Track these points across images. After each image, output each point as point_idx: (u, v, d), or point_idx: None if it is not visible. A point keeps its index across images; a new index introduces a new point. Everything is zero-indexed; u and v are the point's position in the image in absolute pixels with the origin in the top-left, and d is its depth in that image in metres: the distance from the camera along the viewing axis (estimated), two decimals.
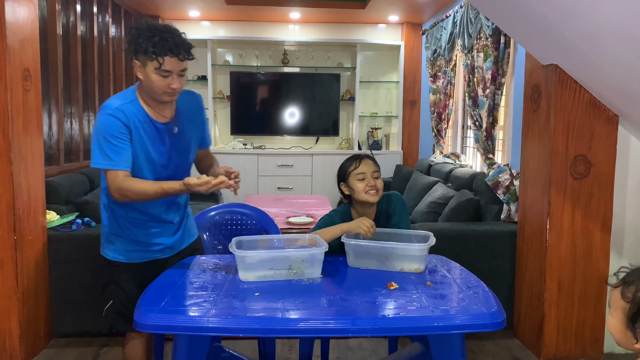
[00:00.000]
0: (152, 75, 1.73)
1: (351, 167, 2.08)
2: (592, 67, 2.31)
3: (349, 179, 2.08)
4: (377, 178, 2.09)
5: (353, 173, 2.07)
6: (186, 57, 1.75)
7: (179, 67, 1.74)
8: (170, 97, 1.78)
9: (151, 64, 1.72)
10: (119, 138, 1.74)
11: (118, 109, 1.75)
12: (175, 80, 1.75)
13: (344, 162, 2.15)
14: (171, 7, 5.12)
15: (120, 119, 1.74)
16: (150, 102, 1.81)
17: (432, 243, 1.85)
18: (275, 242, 1.96)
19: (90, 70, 4.11)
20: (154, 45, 1.69)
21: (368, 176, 2.06)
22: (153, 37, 1.70)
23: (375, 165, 2.12)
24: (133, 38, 1.74)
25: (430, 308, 1.49)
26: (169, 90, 1.75)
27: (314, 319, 1.43)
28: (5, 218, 2.48)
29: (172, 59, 1.71)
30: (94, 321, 2.81)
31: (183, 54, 1.73)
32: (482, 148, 3.56)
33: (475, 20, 3.66)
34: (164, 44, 1.69)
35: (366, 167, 2.07)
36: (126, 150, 1.75)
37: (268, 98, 5.84)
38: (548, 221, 2.61)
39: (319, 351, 2.44)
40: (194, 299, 1.56)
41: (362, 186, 2.05)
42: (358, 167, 2.07)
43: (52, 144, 3.51)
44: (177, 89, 1.77)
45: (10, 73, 2.44)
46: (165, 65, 1.71)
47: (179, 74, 1.76)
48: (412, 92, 5.74)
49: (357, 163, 2.08)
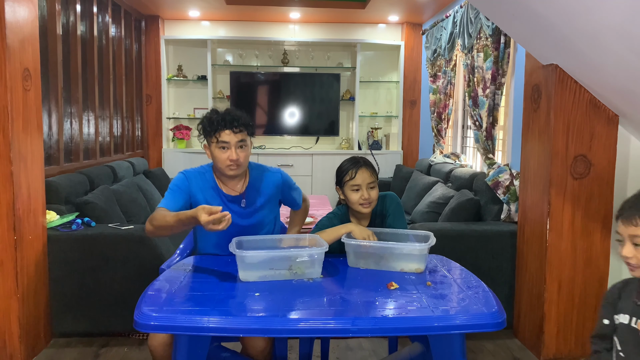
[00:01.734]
0: (214, 151, 1.97)
1: (347, 176, 2.05)
2: (592, 67, 2.31)
3: (344, 188, 2.08)
4: (373, 188, 2.06)
5: (348, 183, 2.05)
6: (241, 129, 1.96)
7: (235, 139, 1.95)
8: (233, 170, 1.97)
9: (212, 141, 1.97)
10: (176, 188, 2.00)
11: (186, 173, 2.06)
12: (234, 152, 1.94)
13: (343, 164, 2.11)
14: (171, 7, 5.12)
15: (187, 177, 2.04)
16: (222, 177, 2.05)
17: (432, 243, 1.85)
18: (276, 242, 1.96)
19: (90, 70, 4.11)
20: (210, 124, 1.96)
21: (363, 188, 2.03)
22: (211, 118, 1.97)
23: (373, 174, 2.07)
24: (200, 124, 2.02)
25: (431, 308, 1.49)
26: (229, 163, 1.95)
27: (314, 319, 1.43)
28: (5, 218, 2.48)
29: (226, 132, 1.94)
30: (94, 321, 2.81)
31: (237, 127, 1.95)
32: (482, 148, 3.56)
33: (475, 20, 3.66)
34: (219, 121, 1.94)
35: (362, 178, 2.03)
36: (177, 198, 1.98)
37: (268, 98, 5.85)
38: (548, 221, 2.61)
39: (319, 351, 2.44)
40: (194, 298, 1.56)
41: (357, 198, 2.04)
42: (354, 177, 2.03)
43: (52, 144, 3.51)
44: (237, 160, 1.95)
45: (10, 73, 2.44)
46: (222, 138, 1.94)
47: (237, 145, 1.96)
48: (412, 92, 5.74)
49: (353, 173, 2.04)
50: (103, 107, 4.41)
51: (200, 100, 5.83)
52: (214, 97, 5.74)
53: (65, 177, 3.27)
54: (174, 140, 5.77)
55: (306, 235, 1.99)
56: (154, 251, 2.77)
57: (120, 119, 4.85)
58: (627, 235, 1.34)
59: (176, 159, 5.67)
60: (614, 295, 1.49)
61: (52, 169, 3.42)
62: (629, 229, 1.33)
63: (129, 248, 2.77)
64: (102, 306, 2.79)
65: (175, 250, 2.35)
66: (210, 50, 5.59)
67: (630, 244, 1.34)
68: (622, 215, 1.35)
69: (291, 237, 2.02)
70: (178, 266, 1.92)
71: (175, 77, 5.76)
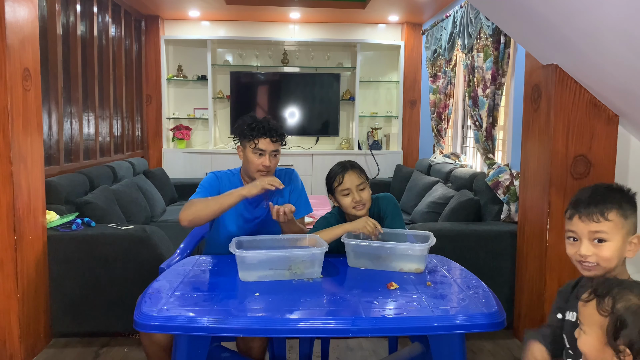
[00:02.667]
0: (249, 155, 2.10)
1: (335, 182, 2.06)
2: (592, 67, 2.31)
3: (335, 195, 2.08)
4: (363, 189, 2.05)
5: (338, 189, 2.06)
6: (278, 139, 2.11)
7: (271, 147, 2.09)
8: (263, 174, 2.10)
9: (249, 145, 2.09)
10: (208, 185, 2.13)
11: (216, 173, 2.19)
12: (267, 159, 2.09)
13: (330, 172, 2.11)
14: (171, 7, 5.12)
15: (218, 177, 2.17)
16: (248, 180, 2.17)
17: (432, 243, 1.85)
18: (276, 242, 1.96)
19: (90, 70, 4.11)
20: (251, 130, 2.08)
21: (353, 191, 2.03)
22: (252, 124, 2.09)
23: (360, 175, 2.07)
24: (238, 127, 2.15)
25: (430, 308, 1.49)
26: (261, 168, 2.09)
27: (314, 319, 1.43)
28: (5, 218, 2.48)
29: (265, 140, 2.08)
30: (94, 321, 2.81)
31: (275, 137, 2.10)
32: (482, 148, 3.56)
33: (475, 20, 3.66)
34: (259, 128, 2.08)
35: (350, 181, 2.04)
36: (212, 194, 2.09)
37: (268, 98, 5.84)
38: (548, 221, 2.61)
39: (319, 351, 2.44)
40: (194, 299, 1.56)
41: (348, 202, 2.04)
42: (342, 182, 2.04)
43: (52, 144, 3.51)
44: (269, 167, 2.09)
45: (10, 73, 2.44)
46: (260, 145, 2.07)
47: (271, 154, 2.10)
48: (412, 92, 5.74)
49: (341, 178, 2.05)
50: (103, 107, 4.41)
51: (200, 100, 5.83)
52: (214, 97, 5.74)
53: (65, 177, 3.27)
54: (174, 140, 5.77)
55: (306, 235, 1.99)
56: (154, 251, 2.77)
57: (120, 119, 4.85)
58: (586, 232, 1.28)
59: (176, 159, 5.67)
60: (567, 292, 1.45)
61: (52, 169, 3.42)
62: (590, 225, 1.28)
63: (129, 248, 2.77)
64: (102, 306, 2.79)
65: (175, 250, 2.36)
66: (210, 50, 5.59)
67: (589, 242, 1.29)
68: (580, 212, 1.29)
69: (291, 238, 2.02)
70: (178, 266, 1.92)
71: (175, 77, 5.76)
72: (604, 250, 1.27)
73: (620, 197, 1.29)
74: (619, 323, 1.03)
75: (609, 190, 1.31)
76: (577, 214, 1.30)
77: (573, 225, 1.31)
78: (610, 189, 1.32)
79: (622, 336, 1.02)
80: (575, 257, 1.32)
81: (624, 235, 1.28)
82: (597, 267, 1.29)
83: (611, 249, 1.27)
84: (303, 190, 2.28)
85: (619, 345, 1.03)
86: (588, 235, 1.29)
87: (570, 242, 1.34)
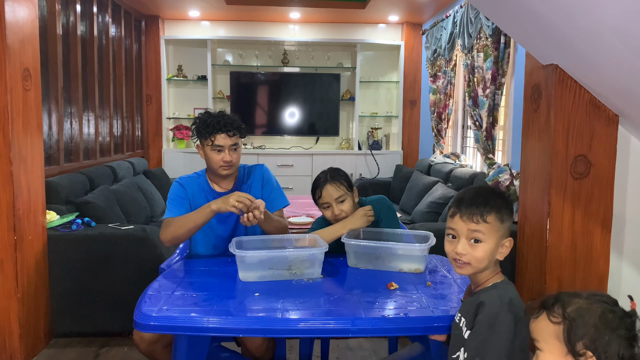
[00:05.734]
0: (208, 152, 2.07)
1: (316, 195, 2.07)
2: (592, 67, 2.31)
3: (318, 206, 2.10)
4: (343, 202, 2.04)
5: (319, 202, 2.08)
6: (235, 133, 2.06)
7: (229, 142, 2.05)
8: (226, 170, 2.07)
9: (206, 143, 2.06)
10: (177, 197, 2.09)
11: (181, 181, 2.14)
12: (227, 154, 2.05)
13: (313, 182, 2.11)
14: (171, 7, 5.12)
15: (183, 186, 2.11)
16: (214, 177, 2.15)
17: (432, 243, 1.85)
18: (275, 242, 1.96)
19: (90, 70, 4.11)
20: (205, 127, 2.05)
21: (332, 204, 2.04)
22: (206, 121, 2.06)
23: (339, 187, 2.03)
24: (193, 125, 2.11)
25: (430, 308, 1.49)
26: (223, 164, 2.05)
27: (314, 319, 1.43)
28: (5, 218, 2.48)
29: (221, 135, 2.04)
30: (94, 321, 2.81)
31: (231, 131, 2.05)
32: (482, 148, 3.56)
33: (475, 20, 3.66)
34: (214, 125, 2.04)
35: (328, 195, 2.03)
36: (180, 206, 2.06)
37: (268, 98, 5.84)
38: (548, 221, 2.61)
39: (319, 351, 2.44)
40: (193, 298, 1.56)
41: (329, 214, 2.06)
42: (320, 196, 2.05)
43: (52, 144, 3.51)
44: (230, 162, 2.05)
45: (10, 73, 2.44)
46: (217, 142, 2.04)
47: (231, 148, 2.06)
48: (412, 92, 5.74)
49: (319, 192, 2.05)
50: (103, 107, 4.41)
51: (200, 100, 5.83)
52: (214, 97, 5.74)
53: (65, 177, 3.27)
54: (174, 140, 5.77)
55: (306, 235, 1.99)
56: (154, 251, 2.77)
57: (120, 119, 4.85)
58: (465, 231, 1.31)
59: (176, 159, 5.67)
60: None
61: (52, 169, 3.42)
62: (470, 225, 1.30)
63: (129, 248, 2.77)
64: (102, 306, 2.79)
65: (175, 250, 2.36)
66: (210, 50, 5.59)
67: (466, 241, 1.31)
68: (462, 212, 1.32)
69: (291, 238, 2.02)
70: (178, 266, 1.92)
71: (175, 77, 5.76)
72: (478, 250, 1.31)
73: (501, 202, 1.33)
74: (573, 326, 1.01)
75: (492, 194, 1.35)
76: (459, 213, 1.33)
77: (454, 223, 1.34)
78: (493, 192, 1.36)
79: (580, 338, 1.00)
80: (452, 254, 1.35)
81: (498, 238, 1.32)
82: (468, 267, 1.32)
83: (485, 250, 1.30)
84: (276, 183, 2.24)
85: (579, 350, 1.00)
86: (467, 234, 1.32)
87: (449, 240, 1.36)
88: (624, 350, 0.98)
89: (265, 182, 2.21)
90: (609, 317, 1.00)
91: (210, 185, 2.15)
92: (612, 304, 1.03)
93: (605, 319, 1.00)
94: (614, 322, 1.00)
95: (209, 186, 2.15)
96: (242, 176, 2.20)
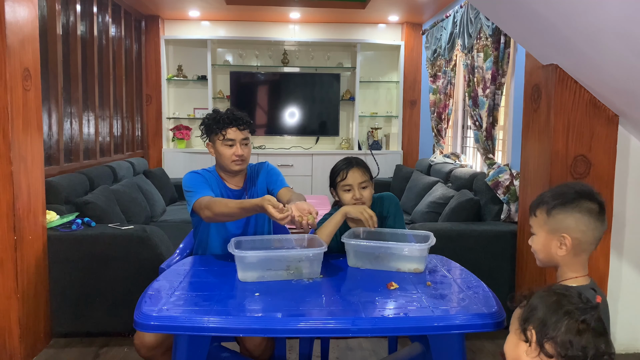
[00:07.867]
0: (220, 148, 2.10)
1: (339, 177, 2.06)
2: (592, 67, 2.31)
3: (337, 189, 2.08)
4: (365, 188, 2.05)
5: (340, 184, 2.06)
6: (245, 127, 2.10)
7: (240, 136, 2.09)
8: (238, 165, 2.11)
9: (218, 138, 2.09)
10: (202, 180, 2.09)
11: (197, 171, 2.13)
12: (239, 148, 2.08)
13: (335, 166, 2.11)
14: (171, 7, 5.12)
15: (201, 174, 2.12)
16: (225, 175, 2.17)
17: (432, 243, 1.85)
18: (275, 242, 1.96)
19: (90, 70, 4.11)
20: (217, 122, 2.08)
21: (354, 188, 2.03)
22: (216, 117, 2.10)
23: (365, 173, 2.06)
24: (204, 124, 2.14)
25: (430, 308, 1.49)
26: (235, 159, 2.09)
27: (314, 319, 1.43)
28: (5, 218, 2.48)
29: (232, 129, 2.08)
30: (94, 321, 2.81)
31: (242, 125, 2.09)
32: (482, 148, 3.56)
33: (475, 20, 3.66)
34: (224, 119, 2.08)
35: (353, 178, 2.03)
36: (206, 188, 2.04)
37: (268, 98, 5.85)
38: None
39: (319, 351, 2.44)
40: (193, 298, 1.56)
41: (349, 198, 2.04)
42: (345, 178, 2.04)
43: (52, 144, 3.51)
44: (242, 155, 2.09)
45: (10, 73, 2.44)
46: (229, 135, 2.07)
47: (242, 142, 2.10)
48: (412, 92, 5.74)
49: (345, 174, 2.04)
50: (103, 107, 4.41)
51: (200, 100, 5.83)
52: (214, 97, 5.74)
53: (65, 177, 3.27)
54: (174, 140, 5.77)
55: (305, 236, 1.99)
56: (154, 251, 2.77)
57: (120, 119, 4.85)
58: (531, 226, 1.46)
59: (176, 159, 5.67)
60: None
61: (52, 169, 3.42)
62: (530, 219, 1.46)
63: (129, 248, 2.77)
64: (102, 306, 2.79)
65: (175, 250, 2.36)
66: (210, 50, 5.59)
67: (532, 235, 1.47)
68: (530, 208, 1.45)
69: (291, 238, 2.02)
70: (178, 266, 1.92)
71: (175, 77, 5.76)
72: (534, 243, 1.47)
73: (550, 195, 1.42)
74: (529, 307, 1.08)
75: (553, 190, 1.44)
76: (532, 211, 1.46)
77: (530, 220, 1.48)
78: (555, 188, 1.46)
79: (531, 316, 1.06)
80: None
81: (547, 232, 1.41)
82: (537, 258, 1.49)
83: (537, 243, 1.45)
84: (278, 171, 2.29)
85: (527, 326, 1.06)
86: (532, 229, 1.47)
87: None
88: (572, 336, 1.01)
89: (269, 171, 2.25)
90: (563, 303, 1.05)
91: (224, 182, 2.17)
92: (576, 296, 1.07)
93: (558, 303, 1.05)
94: (567, 307, 1.04)
95: (222, 182, 2.16)
96: (251, 174, 2.23)
